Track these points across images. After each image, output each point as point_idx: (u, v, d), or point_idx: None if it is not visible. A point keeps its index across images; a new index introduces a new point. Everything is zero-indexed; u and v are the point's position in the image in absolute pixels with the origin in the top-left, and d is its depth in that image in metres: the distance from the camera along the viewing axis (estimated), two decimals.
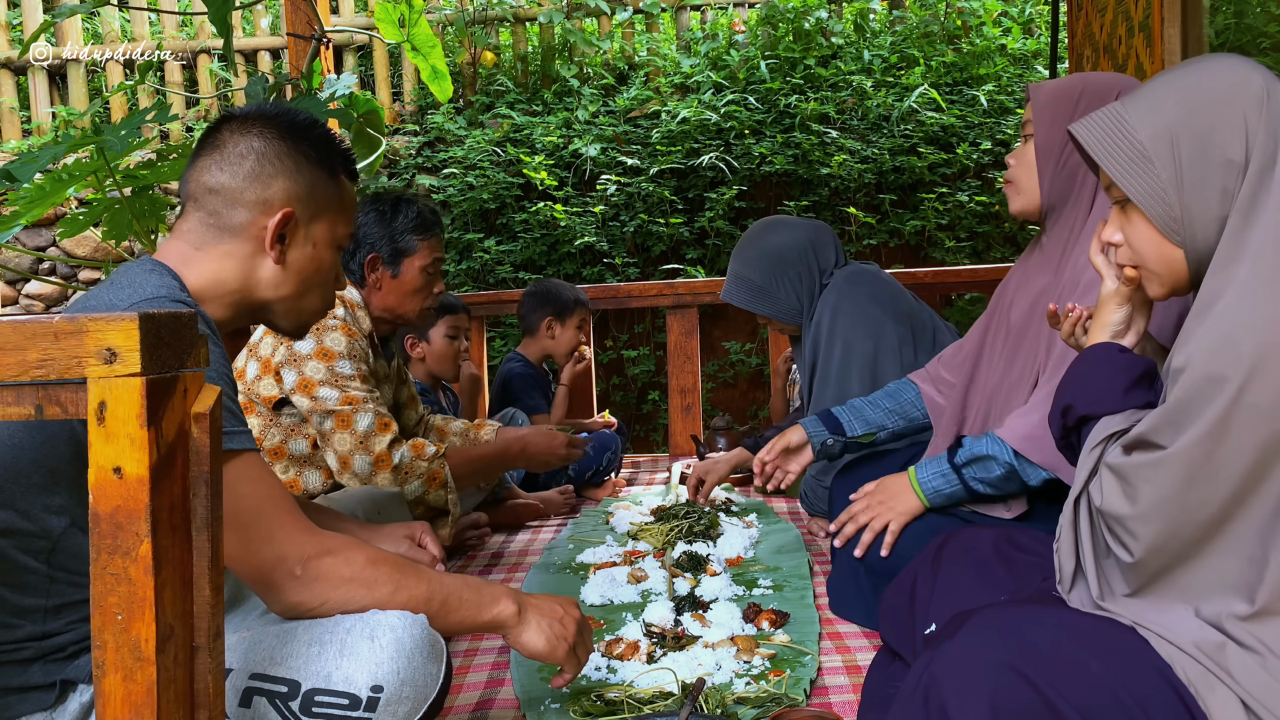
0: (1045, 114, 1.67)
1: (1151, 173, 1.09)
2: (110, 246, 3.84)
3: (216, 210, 1.33)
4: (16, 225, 2.22)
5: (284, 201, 1.34)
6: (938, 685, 1.03)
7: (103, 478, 0.83)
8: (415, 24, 2.86)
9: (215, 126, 1.37)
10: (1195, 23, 2.72)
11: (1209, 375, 0.99)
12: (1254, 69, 1.09)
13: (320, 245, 1.39)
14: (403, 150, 5.19)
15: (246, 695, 1.27)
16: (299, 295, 1.39)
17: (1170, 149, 1.08)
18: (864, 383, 2.31)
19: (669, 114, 5.07)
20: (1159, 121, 1.09)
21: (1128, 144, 1.10)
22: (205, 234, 1.33)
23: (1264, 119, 1.06)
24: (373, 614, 1.32)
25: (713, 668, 1.59)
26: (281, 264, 1.35)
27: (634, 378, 4.97)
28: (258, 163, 1.33)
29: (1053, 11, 3.74)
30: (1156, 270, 1.14)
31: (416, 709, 1.32)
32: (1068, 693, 0.99)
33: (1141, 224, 1.12)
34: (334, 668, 1.26)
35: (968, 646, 1.05)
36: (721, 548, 2.28)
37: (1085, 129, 1.15)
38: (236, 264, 1.34)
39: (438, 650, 1.34)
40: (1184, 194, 1.08)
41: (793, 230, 2.47)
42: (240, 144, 1.34)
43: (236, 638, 1.33)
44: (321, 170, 1.38)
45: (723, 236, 4.91)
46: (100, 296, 1.25)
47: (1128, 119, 1.11)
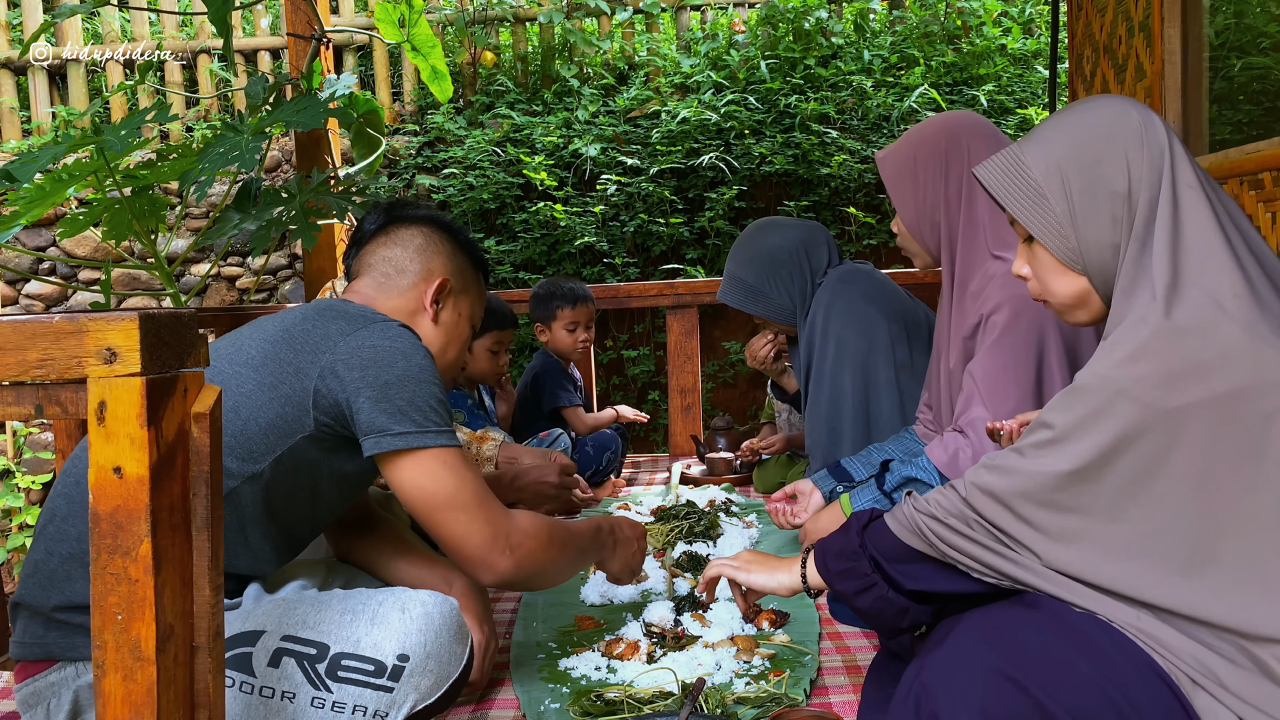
0: (897, 192, 1.92)
1: (1047, 208, 1.17)
2: (110, 246, 3.84)
3: (388, 274, 1.61)
4: (16, 225, 2.22)
5: (442, 272, 1.62)
6: (929, 693, 1.04)
7: (103, 478, 0.83)
8: (415, 24, 2.86)
9: (384, 224, 1.66)
10: (1195, 23, 2.72)
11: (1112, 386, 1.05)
12: (1132, 106, 1.17)
13: (463, 317, 1.66)
14: (403, 150, 5.19)
15: (276, 656, 1.34)
16: (439, 358, 1.61)
17: (1061, 184, 1.16)
18: (857, 380, 2.31)
19: (669, 114, 5.07)
20: (1050, 159, 1.17)
21: (1024, 182, 1.19)
22: (379, 291, 1.60)
23: (1144, 152, 1.13)
24: (405, 590, 1.43)
25: (713, 668, 1.59)
26: (436, 323, 1.61)
27: (634, 378, 4.97)
28: (425, 241, 1.63)
29: (1053, 11, 3.74)
30: (1065, 300, 1.22)
31: (439, 685, 1.37)
32: (1058, 694, 1.00)
33: (1045, 257, 1.20)
34: (364, 634, 1.35)
35: (957, 653, 1.06)
36: (721, 548, 2.28)
37: (987, 171, 1.24)
38: (403, 318, 1.58)
39: (464, 632, 1.43)
40: (1078, 226, 1.16)
41: (785, 231, 2.47)
42: (409, 230, 1.64)
43: (272, 604, 1.39)
44: (468, 261, 1.67)
45: (723, 236, 4.91)
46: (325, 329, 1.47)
47: (1024, 159, 1.19)
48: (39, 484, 4.51)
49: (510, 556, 1.41)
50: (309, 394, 1.39)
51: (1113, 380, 1.03)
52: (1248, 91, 2.75)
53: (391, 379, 1.38)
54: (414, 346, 1.43)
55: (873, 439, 2.26)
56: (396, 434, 1.37)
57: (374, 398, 1.37)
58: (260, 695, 1.32)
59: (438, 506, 1.39)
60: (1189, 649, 1.02)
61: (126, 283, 4.89)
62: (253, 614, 1.38)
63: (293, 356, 1.41)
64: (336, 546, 1.76)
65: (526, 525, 1.45)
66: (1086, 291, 1.19)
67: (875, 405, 2.31)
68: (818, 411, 2.38)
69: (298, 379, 1.39)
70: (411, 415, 1.38)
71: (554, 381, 3.23)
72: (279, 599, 1.42)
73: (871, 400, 2.31)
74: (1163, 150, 1.13)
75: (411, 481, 1.39)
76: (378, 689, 1.33)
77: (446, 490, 1.39)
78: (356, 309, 1.49)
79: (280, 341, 1.43)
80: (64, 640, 1.30)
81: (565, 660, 1.67)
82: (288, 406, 1.39)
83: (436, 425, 1.40)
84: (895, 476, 1.87)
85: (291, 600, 1.40)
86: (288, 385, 1.39)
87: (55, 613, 1.30)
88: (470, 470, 1.42)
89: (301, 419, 1.39)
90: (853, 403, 2.31)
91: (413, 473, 1.39)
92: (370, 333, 1.42)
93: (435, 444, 1.39)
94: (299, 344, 1.42)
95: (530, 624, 1.88)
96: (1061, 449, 1.06)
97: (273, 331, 1.46)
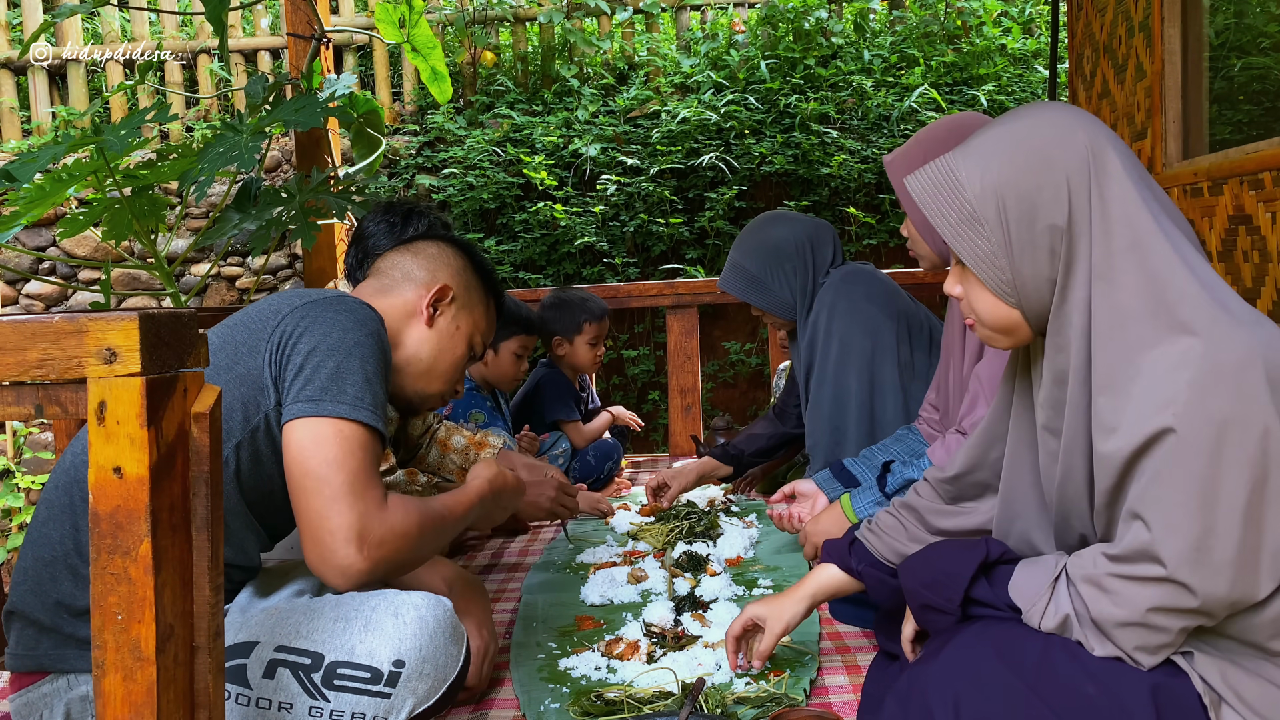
0: (907, 194, 1.84)
1: (981, 235, 1.08)
2: (110, 246, 3.84)
3: (395, 278, 1.60)
4: (16, 225, 2.22)
5: (446, 280, 1.60)
6: (924, 697, 1.03)
7: (103, 478, 0.83)
8: (415, 24, 2.86)
9: (408, 238, 1.70)
10: (1195, 23, 2.72)
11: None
12: (1080, 124, 1.08)
13: (461, 331, 1.61)
14: (403, 150, 5.19)
15: (271, 667, 1.32)
16: (430, 365, 1.58)
17: (998, 212, 1.07)
18: (861, 381, 2.31)
19: (669, 114, 5.07)
20: (987, 181, 1.08)
21: (958, 204, 1.09)
22: (377, 291, 1.59)
23: (1089, 177, 1.05)
24: (398, 593, 1.39)
25: (713, 668, 1.59)
26: (430, 327, 1.57)
27: (634, 378, 4.97)
28: (438, 252, 1.63)
29: (1053, 11, 3.74)
30: (993, 326, 1.14)
31: (436, 688, 1.36)
32: (1064, 714, 0.99)
33: (977, 284, 1.13)
34: (358, 641, 1.32)
35: (957, 656, 1.05)
36: (721, 548, 2.28)
37: (918, 184, 1.13)
38: (397, 314, 1.56)
39: (459, 633, 1.40)
40: (1013, 258, 1.07)
41: (793, 225, 2.47)
42: (427, 243, 1.65)
43: (264, 613, 1.37)
44: (480, 281, 1.66)
45: (723, 236, 4.90)
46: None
47: (959, 175, 1.10)
48: (39, 484, 4.51)
49: (366, 556, 1.27)
50: (262, 368, 1.36)
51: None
52: (1248, 91, 2.75)
53: (322, 347, 1.34)
54: (359, 322, 1.38)
55: (877, 439, 2.26)
56: (306, 400, 1.30)
57: (300, 365, 1.33)
58: (257, 706, 1.31)
59: (307, 472, 1.27)
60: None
61: (126, 283, 4.89)
62: (245, 624, 1.36)
63: (247, 336, 1.39)
64: None
65: (397, 522, 1.31)
66: (1017, 322, 1.12)
67: (880, 406, 2.31)
68: (820, 411, 2.38)
69: (251, 356, 1.37)
70: (328, 385, 1.31)
71: (555, 394, 3.20)
72: (270, 608, 1.40)
73: (876, 401, 2.31)
74: (1094, 173, 1.05)
75: (295, 442, 1.29)
76: (375, 695, 1.32)
77: (324, 457, 1.27)
78: (328, 292, 1.46)
79: (238, 325, 1.42)
80: (55, 652, 1.30)
81: (565, 660, 1.66)
82: (243, 386, 1.36)
83: (353, 400, 1.31)
84: (896, 479, 1.87)
85: (284, 609, 1.38)
86: (242, 365, 1.37)
87: (45, 617, 1.30)
88: (365, 455, 1.30)
89: (259, 399, 1.36)
90: (857, 403, 2.31)
91: (301, 433, 1.29)
92: (320, 305, 1.39)
93: (338, 414, 1.29)
94: (254, 324, 1.41)
95: (530, 624, 1.88)
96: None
97: (235, 319, 1.46)
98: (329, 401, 1.30)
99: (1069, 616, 1.04)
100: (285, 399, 1.33)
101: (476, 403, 2.88)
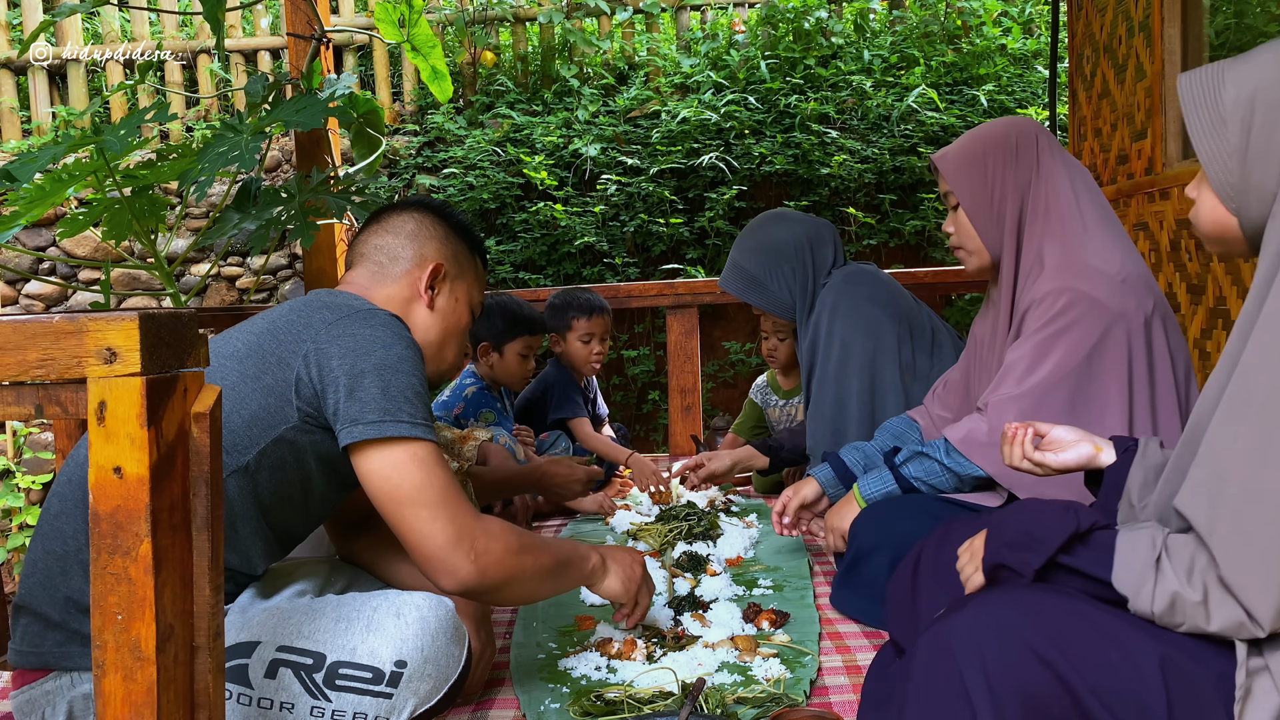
0: (962, 179, 1.83)
1: (1223, 137, 1.11)
2: (110, 246, 3.84)
3: (381, 262, 1.58)
4: (16, 225, 2.22)
5: (436, 257, 1.59)
6: (950, 653, 1.03)
7: (103, 478, 0.83)
8: (415, 24, 2.86)
9: (377, 213, 1.65)
10: (1195, 23, 2.72)
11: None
12: None
13: (461, 302, 1.63)
14: (403, 150, 5.19)
15: (272, 667, 1.32)
16: (441, 344, 1.61)
17: (1245, 116, 1.09)
18: (863, 382, 2.31)
19: (669, 114, 5.07)
20: (1245, 88, 1.10)
21: (1213, 103, 1.12)
22: (372, 280, 1.57)
23: None
24: (399, 593, 1.41)
25: (713, 668, 1.59)
26: (432, 309, 1.58)
27: (634, 378, 4.97)
28: (417, 226, 1.60)
29: (1053, 11, 3.74)
30: (1209, 232, 1.16)
31: (438, 688, 1.36)
32: (1085, 673, 0.99)
33: (1206, 188, 1.14)
34: (359, 641, 1.33)
35: (982, 612, 1.06)
36: (721, 548, 2.28)
37: (1188, 80, 1.16)
38: (399, 305, 1.56)
39: (461, 633, 1.41)
40: (1246, 164, 1.09)
41: (793, 225, 2.47)
42: (400, 216, 1.61)
43: (265, 613, 1.37)
44: (463, 244, 1.65)
45: (723, 236, 4.90)
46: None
47: (1225, 77, 1.12)
48: (39, 484, 4.51)
49: (474, 561, 1.32)
50: (290, 384, 1.37)
51: None
52: None
53: (367, 367, 1.35)
54: (396, 336, 1.40)
55: None
56: (367, 423, 1.32)
57: (349, 386, 1.34)
58: (259, 706, 1.32)
59: (400, 501, 1.32)
60: None
61: (126, 283, 4.89)
62: (246, 624, 1.36)
63: (276, 347, 1.40)
64: (339, 546, 1.76)
65: (495, 530, 1.37)
66: (1231, 229, 1.13)
67: (881, 407, 2.31)
68: (821, 413, 2.38)
69: (280, 369, 1.38)
70: (384, 404, 1.33)
71: (562, 392, 3.21)
72: (272, 608, 1.40)
73: (877, 402, 2.32)
74: None
75: (375, 472, 1.33)
76: (377, 696, 1.32)
77: (411, 484, 1.32)
78: (345, 299, 1.47)
79: (265, 334, 1.42)
80: (60, 650, 1.30)
81: (565, 660, 1.66)
82: (270, 397, 1.37)
83: (410, 416, 1.34)
84: (905, 453, 1.88)
85: (285, 609, 1.39)
86: (270, 376, 1.38)
87: (54, 611, 1.30)
88: (440, 468, 1.36)
89: (284, 410, 1.37)
90: (858, 405, 2.31)
91: (378, 463, 1.33)
92: (352, 321, 1.40)
93: (404, 434, 1.33)
94: (282, 335, 1.41)
95: (530, 624, 1.88)
96: None
97: (260, 325, 1.46)
98: (389, 422, 1.33)
99: (1176, 594, 1.04)
100: (338, 420, 1.35)
101: (486, 401, 2.89)
